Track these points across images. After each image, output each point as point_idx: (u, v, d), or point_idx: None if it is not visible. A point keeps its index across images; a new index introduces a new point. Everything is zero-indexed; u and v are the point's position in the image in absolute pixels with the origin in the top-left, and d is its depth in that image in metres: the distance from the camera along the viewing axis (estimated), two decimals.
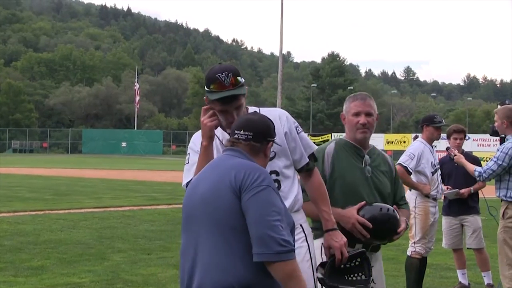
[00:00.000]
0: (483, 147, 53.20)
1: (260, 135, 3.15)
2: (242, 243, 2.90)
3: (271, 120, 3.24)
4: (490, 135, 7.13)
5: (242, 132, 3.14)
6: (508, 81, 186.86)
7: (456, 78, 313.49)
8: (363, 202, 3.97)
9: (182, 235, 3.17)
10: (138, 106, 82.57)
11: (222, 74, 3.49)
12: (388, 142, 74.12)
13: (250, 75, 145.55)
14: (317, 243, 3.95)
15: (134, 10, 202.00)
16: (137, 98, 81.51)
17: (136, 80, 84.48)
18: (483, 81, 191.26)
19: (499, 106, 6.72)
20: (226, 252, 2.93)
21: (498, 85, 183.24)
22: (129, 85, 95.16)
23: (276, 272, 2.84)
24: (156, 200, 18.38)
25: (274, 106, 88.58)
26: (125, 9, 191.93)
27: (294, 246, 2.88)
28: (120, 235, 11.46)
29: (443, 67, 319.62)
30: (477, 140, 54.86)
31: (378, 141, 75.71)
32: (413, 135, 56.12)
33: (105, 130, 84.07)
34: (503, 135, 6.62)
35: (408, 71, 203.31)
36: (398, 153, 47.45)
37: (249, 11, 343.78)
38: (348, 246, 3.70)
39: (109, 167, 40.55)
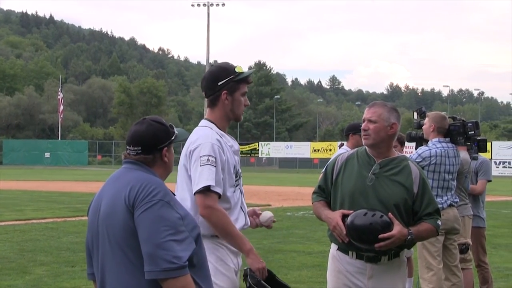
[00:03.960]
0: (406, 154, 54.39)
1: (149, 148, 3.10)
2: (140, 262, 2.90)
3: (161, 123, 3.16)
4: (407, 141, 7.33)
5: (131, 147, 3.11)
6: (429, 90, 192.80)
7: (379, 87, 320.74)
8: (350, 211, 4.09)
9: (92, 255, 3.14)
10: (62, 116, 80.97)
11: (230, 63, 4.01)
12: (314, 150, 75.01)
13: (176, 84, 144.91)
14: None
15: (57, 18, 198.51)
16: (61, 107, 79.91)
17: (59, 89, 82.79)
18: (405, 90, 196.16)
19: (415, 114, 6.93)
20: (129, 271, 2.93)
21: (419, 94, 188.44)
22: (52, 95, 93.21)
23: None
24: (81, 211, 18.01)
25: (201, 115, 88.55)
26: (47, 16, 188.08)
27: (186, 261, 2.86)
28: (42, 248, 11.20)
29: (366, 77, 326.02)
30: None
31: (304, 149, 76.64)
32: (339, 143, 56.93)
33: (27, 141, 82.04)
34: (415, 141, 6.83)
35: (334, 80, 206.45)
36: (324, 161, 48.06)
37: (175, 20, 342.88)
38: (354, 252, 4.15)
39: (32, 178, 39.56)
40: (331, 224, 4.15)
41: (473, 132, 6.60)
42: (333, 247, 4.35)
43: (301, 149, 76.34)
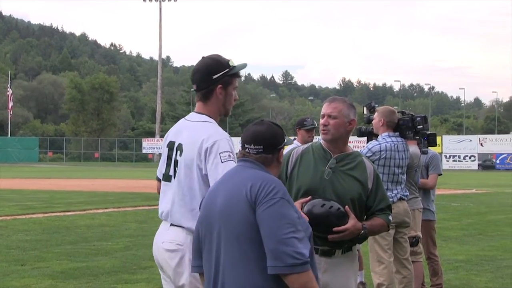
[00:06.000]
0: (357, 148, 55.03)
1: (270, 147, 3.21)
2: (260, 255, 2.96)
3: (278, 125, 3.31)
4: (358, 136, 7.39)
5: (252, 146, 3.19)
6: (380, 84, 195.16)
7: (332, 82, 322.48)
8: (308, 198, 4.08)
9: (203, 248, 3.17)
10: (11, 112, 79.62)
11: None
12: None
13: (129, 80, 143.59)
14: None
15: (5, 12, 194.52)
16: (10, 104, 78.58)
17: (8, 85, 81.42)
18: (358, 84, 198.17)
19: (365, 109, 7.00)
20: (247, 265, 2.98)
21: (371, 89, 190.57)
22: (1, 91, 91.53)
23: (291, 284, 2.92)
24: (31, 208, 17.73)
25: (154, 111, 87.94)
26: None
27: (308, 257, 2.94)
28: None
29: (318, 72, 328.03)
30: (352, 142, 56.75)
31: None
32: (292, 137, 57.31)
33: None
34: (365, 136, 6.91)
35: (286, 75, 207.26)
36: None
37: (127, 15, 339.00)
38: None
39: None
40: None
41: (421, 126, 6.68)
42: None
43: None
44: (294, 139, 8.02)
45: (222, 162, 3.67)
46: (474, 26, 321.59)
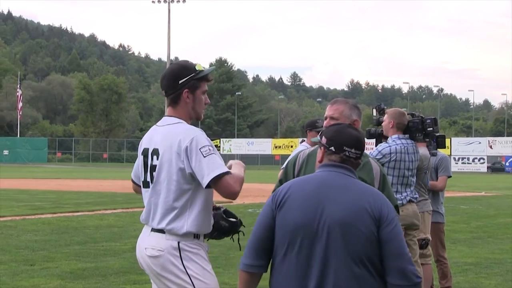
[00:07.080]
0: (367, 150, 55.04)
1: (362, 153, 3.25)
2: (377, 270, 3.05)
3: None
4: (367, 138, 7.38)
5: (353, 150, 3.19)
6: (389, 86, 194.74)
7: (340, 83, 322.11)
8: None
9: (289, 253, 3.13)
10: (20, 113, 79.86)
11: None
12: (275, 147, 75.24)
13: (137, 81, 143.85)
14: None
15: (15, 13, 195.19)
16: (20, 104, 78.80)
17: (18, 86, 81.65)
18: (366, 86, 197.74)
19: (374, 111, 6.98)
20: (363, 278, 3.02)
21: (379, 90, 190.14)
22: (11, 91, 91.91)
23: None
24: (40, 209, 17.78)
25: (162, 112, 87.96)
26: (5, 12, 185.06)
27: None
28: (1, 247, 11.01)
29: (326, 73, 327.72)
30: None
31: (265, 146, 76.82)
32: (300, 139, 57.39)
33: None
34: (375, 138, 6.89)
35: (295, 76, 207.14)
36: (285, 158, 48.26)
37: (135, 16, 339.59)
38: None
39: None
40: None
41: (431, 128, 6.67)
42: None
43: (262, 146, 76.57)
44: (303, 141, 7.99)
45: (204, 157, 3.69)
46: (482, 28, 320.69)
